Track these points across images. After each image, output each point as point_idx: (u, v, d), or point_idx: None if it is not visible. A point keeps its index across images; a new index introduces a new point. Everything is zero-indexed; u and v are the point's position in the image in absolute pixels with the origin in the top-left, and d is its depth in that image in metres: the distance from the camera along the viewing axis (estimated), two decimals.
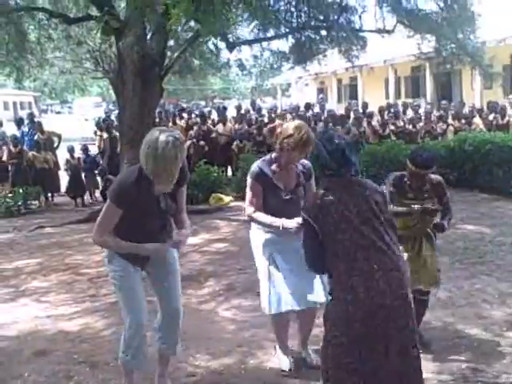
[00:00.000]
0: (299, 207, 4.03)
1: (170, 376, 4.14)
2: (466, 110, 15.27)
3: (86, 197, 12.80)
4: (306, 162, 4.25)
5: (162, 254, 3.75)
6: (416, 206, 4.37)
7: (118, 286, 3.80)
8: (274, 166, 4.16)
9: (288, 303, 4.07)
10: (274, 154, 4.19)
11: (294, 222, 3.87)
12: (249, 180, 4.19)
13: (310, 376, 4.16)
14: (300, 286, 4.08)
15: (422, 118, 14.38)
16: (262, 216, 4.09)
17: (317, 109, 17.09)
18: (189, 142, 12.59)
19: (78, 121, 34.56)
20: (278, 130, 4.13)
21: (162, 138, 3.40)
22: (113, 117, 16.58)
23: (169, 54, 10.89)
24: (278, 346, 4.45)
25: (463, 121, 14.15)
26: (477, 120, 14.12)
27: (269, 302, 4.13)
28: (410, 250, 4.47)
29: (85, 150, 13.25)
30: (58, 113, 58.81)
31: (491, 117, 14.05)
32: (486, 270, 6.47)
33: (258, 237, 4.27)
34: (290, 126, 4.07)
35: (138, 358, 3.78)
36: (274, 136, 4.15)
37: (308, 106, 16.39)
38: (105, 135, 13.77)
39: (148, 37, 9.98)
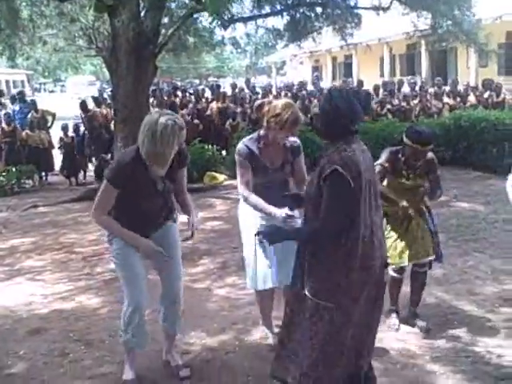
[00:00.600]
0: (286, 184, 4.11)
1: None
2: (460, 88, 15.23)
3: (81, 175, 12.77)
4: (294, 139, 4.22)
5: (148, 254, 3.73)
6: (404, 203, 4.37)
7: (118, 265, 3.83)
8: (260, 144, 4.14)
9: (273, 280, 4.10)
10: (261, 132, 4.15)
11: (283, 212, 3.82)
12: (237, 158, 4.17)
13: None
14: (286, 263, 4.07)
15: (417, 95, 14.34)
16: (254, 199, 4.07)
17: (311, 87, 17.02)
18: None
19: (72, 99, 34.33)
20: (266, 108, 4.05)
21: (162, 120, 3.43)
22: (105, 95, 16.45)
23: (163, 31, 10.77)
24: (261, 323, 4.51)
25: (458, 99, 14.13)
26: (471, 98, 14.11)
27: (254, 278, 4.17)
28: (399, 227, 4.50)
29: (76, 129, 13.18)
30: (52, 91, 58.43)
31: (486, 95, 14.04)
32: (479, 248, 6.51)
33: (245, 214, 4.28)
34: (278, 104, 4.01)
35: (139, 336, 3.81)
36: (261, 113, 4.09)
37: (302, 85, 16.30)
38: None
39: (142, 14, 9.88)
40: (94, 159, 13.15)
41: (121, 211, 3.66)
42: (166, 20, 11.58)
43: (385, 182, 4.53)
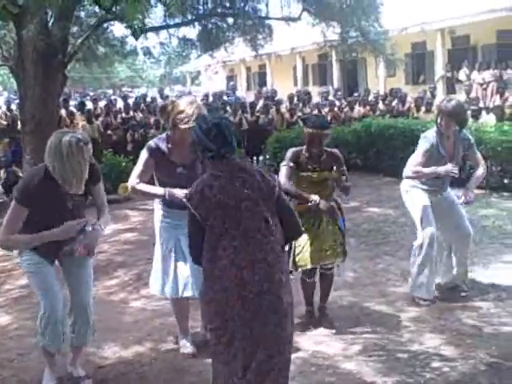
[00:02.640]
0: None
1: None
2: (371, 97, 15.77)
3: None
4: None
5: (71, 234, 3.64)
6: (318, 199, 4.48)
7: (30, 275, 3.81)
8: (169, 144, 4.18)
9: (188, 289, 4.10)
10: (168, 132, 4.21)
11: (180, 192, 3.87)
12: (143, 153, 4.20)
13: None
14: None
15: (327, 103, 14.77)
16: (145, 187, 4.14)
17: (225, 97, 17.11)
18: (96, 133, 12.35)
19: None
20: (169, 107, 4.13)
21: (66, 139, 3.44)
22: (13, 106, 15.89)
23: (72, 40, 10.56)
24: (178, 331, 4.48)
25: (368, 107, 14.61)
26: (381, 106, 14.64)
27: (174, 287, 4.16)
28: (311, 227, 4.58)
29: None
30: None
31: (394, 103, 14.58)
32: (389, 250, 6.72)
33: (160, 221, 4.28)
34: (181, 102, 4.11)
35: (55, 341, 3.79)
36: (165, 114, 4.14)
37: (217, 96, 16.38)
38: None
39: (50, 23, 9.64)
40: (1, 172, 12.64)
41: (30, 229, 3.60)
42: (75, 29, 11.35)
43: (291, 182, 4.63)
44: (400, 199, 8.93)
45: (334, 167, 4.67)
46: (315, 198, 4.49)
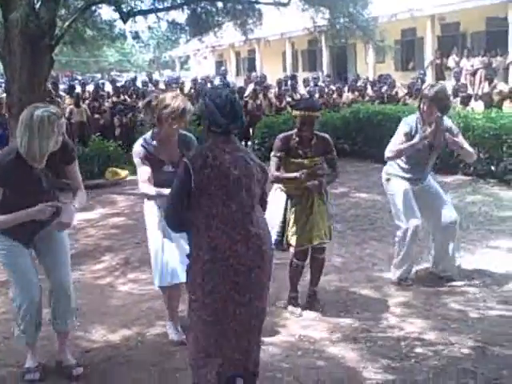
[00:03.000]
0: None
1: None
2: (360, 83, 15.77)
3: None
4: (185, 133, 4.26)
5: (46, 215, 3.58)
6: (302, 171, 4.46)
7: (5, 265, 3.77)
8: (155, 142, 4.14)
9: (180, 275, 4.07)
10: (154, 129, 4.17)
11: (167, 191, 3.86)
12: (135, 160, 4.17)
13: None
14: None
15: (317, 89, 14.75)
16: (145, 187, 4.08)
17: (217, 81, 17.03)
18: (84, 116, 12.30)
19: None
20: (154, 102, 4.09)
21: (37, 113, 3.42)
22: None
23: (60, 23, 10.44)
24: (167, 318, 4.47)
25: (356, 93, 14.61)
26: (369, 92, 14.65)
27: (161, 275, 4.14)
28: (302, 209, 4.59)
29: None
30: None
31: (383, 89, 14.59)
32: (376, 236, 6.76)
33: (151, 210, 4.25)
34: (166, 96, 4.08)
35: (28, 331, 3.78)
36: (150, 109, 4.11)
37: (207, 80, 16.32)
38: None
39: (37, 5, 9.53)
40: None
41: (5, 210, 3.56)
42: (62, 12, 11.23)
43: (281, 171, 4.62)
44: None
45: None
46: (300, 174, 4.44)
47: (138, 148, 4.15)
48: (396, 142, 5.08)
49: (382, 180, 5.48)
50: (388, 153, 5.12)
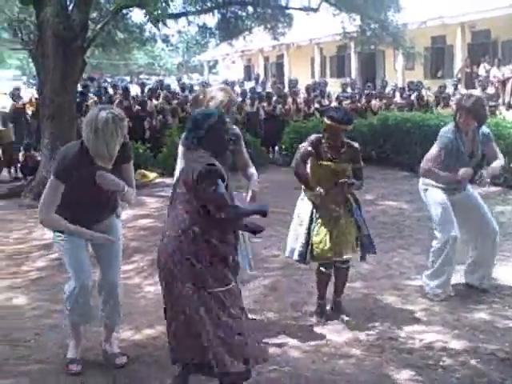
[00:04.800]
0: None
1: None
2: (388, 90, 15.70)
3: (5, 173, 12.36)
4: (231, 126, 4.29)
5: (95, 240, 3.86)
6: (320, 190, 4.44)
7: (62, 250, 3.92)
8: None
9: None
10: None
11: None
12: (180, 149, 4.23)
13: None
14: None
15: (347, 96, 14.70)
16: None
17: (251, 85, 17.06)
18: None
19: None
20: (201, 96, 4.22)
21: (102, 115, 3.57)
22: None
23: (92, 26, 10.59)
24: None
25: (384, 100, 14.54)
26: (398, 99, 14.55)
27: None
28: (329, 221, 4.55)
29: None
30: None
31: (413, 96, 14.49)
32: (404, 244, 6.72)
33: None
34: (213, 89, 4.24)
35: (85, 315, 3.94)
36: (198, 103, 4.21)
37: (240, 83, 16.38)
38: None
39: (70, 7, 9.68)
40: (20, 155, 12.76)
41: (65, 206, 3.69)
42: (94, 14, 11.39)
43: (308, 166, 4.61)
44: (415, 194, 8.93)
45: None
46: (320, 190, 4.42)
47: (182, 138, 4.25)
48: (434, 157, 4.97)
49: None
50: (424, 170, 5.05)
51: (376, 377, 3.84)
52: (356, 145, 4.64)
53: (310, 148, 4.53)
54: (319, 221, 4.58)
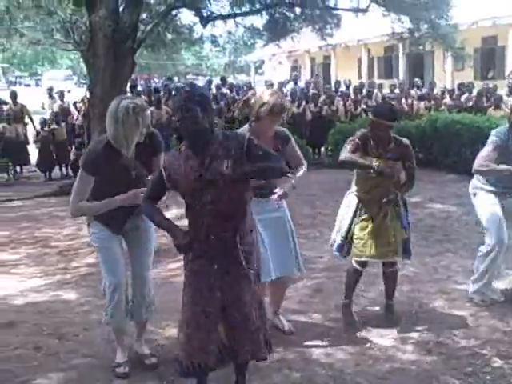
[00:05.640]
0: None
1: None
2: (437, 91, 15.47)
3: (56, 170, 12.68)
4: (279, 128, 4.32)
5: (137, 200, 3.71)
6: (378, 162, 4.32)
7: (96, 248, 3.99)
8: (251, 135, 4.20)
9: (267, 273, 4.13)
10: (252, 124, 4.21)
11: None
12: None
13: (274, 346, 4.26)
14: (279, 255, 4.21)
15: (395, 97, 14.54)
16: None
17: (291, 85, 17.05)
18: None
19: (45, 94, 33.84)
20: (252, 100, 4.20)
21: (123, 104, 3.62)
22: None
23: (141, 27, 10.74)
24: None
25: (432, 101, 14.34)
26: (447, 100, 14.32)
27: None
28: (375, 218, 4.49)
29: (43, 122, 13.06)
30: (28, 85, 57.64)
31: (463, 98, 14.23)
32: (451, 248, 6.62)
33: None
34: (264, 93, 4.18)
35: (116, 316, 3.92)
36: (249, 107, 4.21)
37: (281, 85, 16.38)
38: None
39: (121, 9, 9.83)
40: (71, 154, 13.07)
41: (100, 199, 3.74)
42: (144, 16, 11.54)
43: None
44: (464, 197, 8.79)
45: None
46: (375, 163, 4.31)
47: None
48: (488, 155, 4.79)
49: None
50: (477, 166, 4.85)
51: (422, 382, 3.79)
52: (406, 141, 4.53)
53: (357, 140, 4.44)
54: (363, 217, 4.53)
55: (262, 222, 4.19)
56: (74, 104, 14.90)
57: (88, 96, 13.00)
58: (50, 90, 15.14)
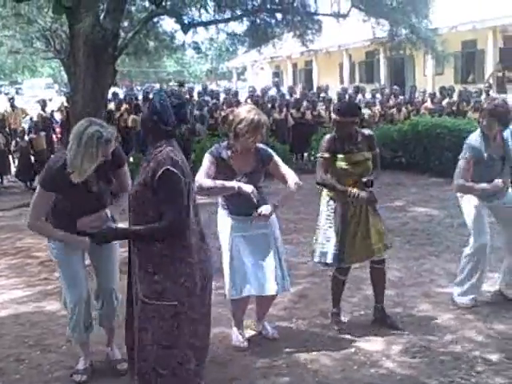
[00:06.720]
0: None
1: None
2: (417, 95, 15.58)
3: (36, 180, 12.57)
4: (264, 147, 4.31)
5: (83, 247, 3.82)
6: (352, 190, 4.38)
7: (57, 263, 3.94)
8: (229, 152, 4.21)
9: (249, 288, 4.15)
10: (230, 141, 4.21)
11: (249, 187, 4.00)
12: (207, 156, 4.23)
13: (260, 353, 4.25)
14: (261, 271, 4.19)
15: (377, 101, 14.63)
16: (212, 182, 4.11)
17: (273, 92, 17.06)
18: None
19: (27, 102, 33.65)
20: (230, 117, 4.20)
21: (90, 130, 3.48)
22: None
23: (123, 34, 10.71)
24: (233, 324, 4.53)
25: (412, 107, 14.46)
26: (427, 104, 14.43)
27: (231, 287, 4.20)
28: (357, 222, 4.50)
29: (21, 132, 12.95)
30: (7, 94, 57.18)
31: (445, 102, 14.34)
32: (434, 251, 6.63)
33: (223, 221, 4.33)
34: (241, 110, 4.16)
35: (76, 330, 3.91)
36: (227, 124, 4.22)
37: (264, 91, 16.37)
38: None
39: (101, 16, 9.79)
40: None
41: (57, 215, 3.73)
42: (125, 23, 11.52)
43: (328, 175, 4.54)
44: (447, 200, 8.92)
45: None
46: (353, 191, 4.36)
47: (212, 150, 4.26)
48: (464, 171, 4.85)
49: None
50: (457, 188, 4.94)
51: None
52: (370, 132, 4.63)
53: (326, 155, 4.47)
54: (351, 221, 4.51)
55: (247, 238, 4.21)
56: (51, 113, 14.70)
57: (66, 104, 12.98)
58: (44, 102, 14.54)
